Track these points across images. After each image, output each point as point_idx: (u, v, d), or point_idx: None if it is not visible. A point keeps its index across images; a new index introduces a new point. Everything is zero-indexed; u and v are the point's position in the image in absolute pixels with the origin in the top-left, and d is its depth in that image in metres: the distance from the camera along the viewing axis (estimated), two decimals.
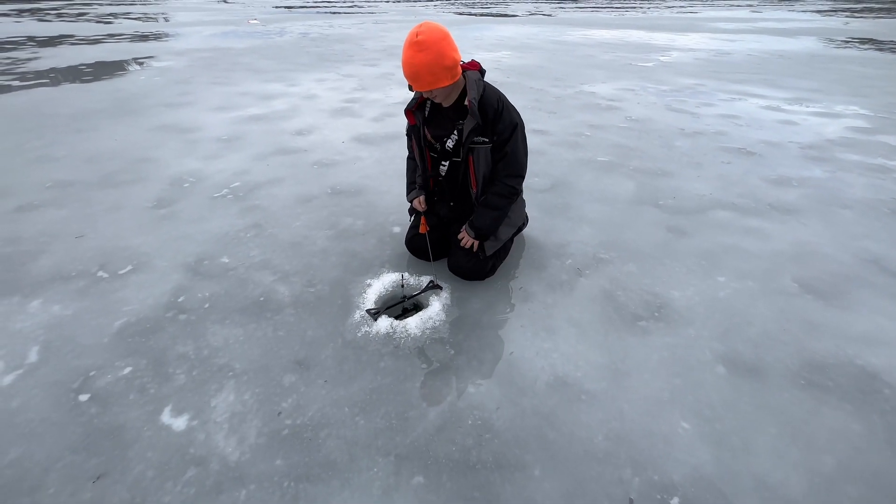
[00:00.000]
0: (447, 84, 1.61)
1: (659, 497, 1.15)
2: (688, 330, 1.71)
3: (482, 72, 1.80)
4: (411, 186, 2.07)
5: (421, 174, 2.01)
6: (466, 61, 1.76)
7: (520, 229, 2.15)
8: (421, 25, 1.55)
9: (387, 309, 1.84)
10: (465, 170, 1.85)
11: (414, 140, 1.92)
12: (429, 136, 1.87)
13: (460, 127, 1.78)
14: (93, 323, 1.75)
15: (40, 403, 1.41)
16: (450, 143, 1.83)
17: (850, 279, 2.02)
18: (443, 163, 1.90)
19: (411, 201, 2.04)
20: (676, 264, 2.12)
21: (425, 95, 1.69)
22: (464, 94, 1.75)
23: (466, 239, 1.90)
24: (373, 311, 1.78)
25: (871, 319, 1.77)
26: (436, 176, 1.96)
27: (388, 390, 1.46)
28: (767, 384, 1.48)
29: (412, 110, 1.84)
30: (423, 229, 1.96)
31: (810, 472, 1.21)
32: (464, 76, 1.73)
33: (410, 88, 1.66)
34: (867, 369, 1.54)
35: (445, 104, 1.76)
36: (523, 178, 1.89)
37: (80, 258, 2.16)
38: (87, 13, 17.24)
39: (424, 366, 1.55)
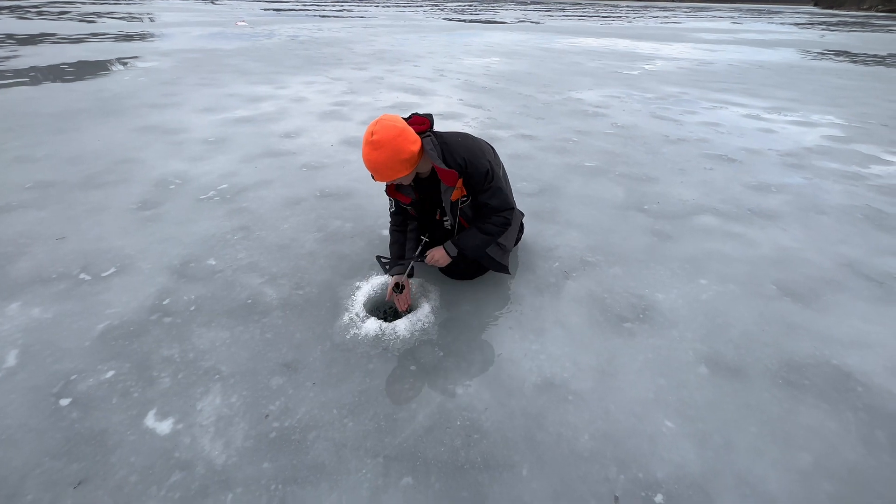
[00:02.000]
0: (406, 173, 1.61)
1: (643, 494, 1.18)
2: (672, 332, 1.75)
3: (431, 124, 1.72)
4: (391, 261, 1.88)
5: (414, 236, 1.96)
6: (408, 118, 1.70)
7: (518, 238, 2.17)
8: (376, 123, 1.55)
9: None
10: (459, 225, 1.87)
11: (411, 210, 1.88)
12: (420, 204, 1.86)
13: (445, 197, 1.76)
14: (74, 326, 1.71)
15: (18, 409, 1.38)
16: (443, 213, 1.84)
17: (826, 283, 2.09)
18: (445, 218, 1.86)
19: (393, 275, 1.85)
20: (661, 267, 2.17)
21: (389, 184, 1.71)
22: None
23: (435, 255, 1.80)
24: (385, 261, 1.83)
25: (847, 321, 1.84)
26: (437, 229, 1.95)
27: (377, 392, 1.46)
28: (748, 384, 1.52)
29: (396, 191, 1.81)
30: (403, 308, 1.82)
31: (788, 468, 1.25)
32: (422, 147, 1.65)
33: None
34: (842, 369, 1.59)
35: (423, 175, 1.76)
36: (513, 209, 1.85)
37: (61, 260, 2.11)
38: (70, 11, 16.91)
39: (413, 367, 1.56)
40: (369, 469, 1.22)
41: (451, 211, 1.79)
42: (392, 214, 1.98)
